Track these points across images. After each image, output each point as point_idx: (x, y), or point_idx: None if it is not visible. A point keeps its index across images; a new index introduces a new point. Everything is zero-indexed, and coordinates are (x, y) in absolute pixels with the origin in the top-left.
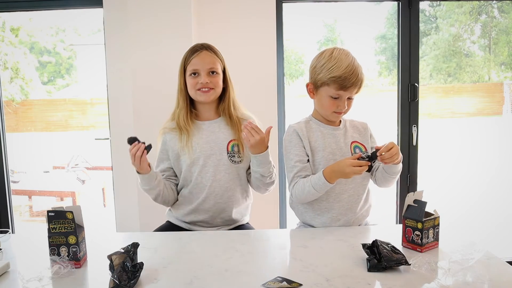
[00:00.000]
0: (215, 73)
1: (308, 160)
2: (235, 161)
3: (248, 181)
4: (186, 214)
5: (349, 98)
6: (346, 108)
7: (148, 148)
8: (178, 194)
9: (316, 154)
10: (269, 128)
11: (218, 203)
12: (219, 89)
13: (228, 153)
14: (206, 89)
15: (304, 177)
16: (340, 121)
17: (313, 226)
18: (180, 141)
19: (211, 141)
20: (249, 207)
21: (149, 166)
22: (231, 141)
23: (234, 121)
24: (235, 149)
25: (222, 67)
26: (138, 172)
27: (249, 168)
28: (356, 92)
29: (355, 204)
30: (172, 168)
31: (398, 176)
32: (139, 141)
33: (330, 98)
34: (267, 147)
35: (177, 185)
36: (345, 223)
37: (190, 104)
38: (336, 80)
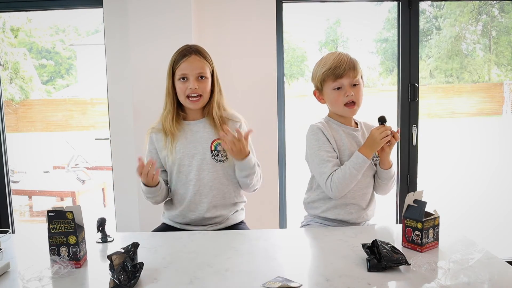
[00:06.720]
0: (204, 77)
1: (337, 157)
2: (219, 160)
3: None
4: (176, 215)
5: (354, 85)
6: (353, 94)
7: None
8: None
9: (341, 153)
10: (248, 132)
11: (204, 202)
12: (207, 95)
13: (211, 152)
14: (195, 97)
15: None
16: (356, 123)
17: (327, 218)
18: (165, 144)
19: (195, 140)
20: (241, 205)
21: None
22: (214, 140)
23: (217, 122)
24: (219, 148)
25: (211, 70)
26: (144, 184)
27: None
28: (355, 76)
29: (366, 202)
30: (163, 168)
31: (391, 183)
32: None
33: (334, 91)
34: (247, 155)
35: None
36: (356, 218)
37: (178, 107)
38: (329, 73)
